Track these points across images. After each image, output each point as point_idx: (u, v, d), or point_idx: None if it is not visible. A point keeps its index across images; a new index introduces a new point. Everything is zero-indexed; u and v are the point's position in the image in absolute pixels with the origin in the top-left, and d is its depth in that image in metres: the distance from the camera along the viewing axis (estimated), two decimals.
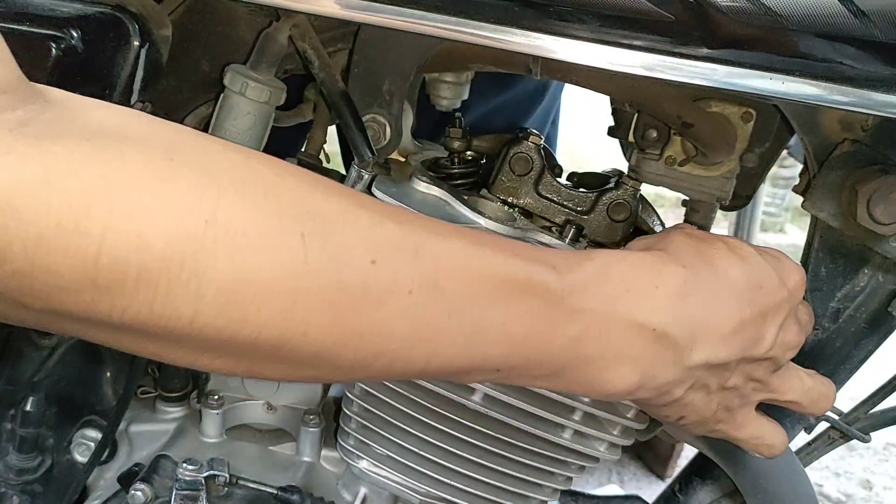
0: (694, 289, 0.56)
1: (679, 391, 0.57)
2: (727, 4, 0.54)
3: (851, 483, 2.34)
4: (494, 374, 0.51)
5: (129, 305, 0.40)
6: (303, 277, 0.43)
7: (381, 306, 0.45)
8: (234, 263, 0.41)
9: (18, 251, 0.38)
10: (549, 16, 0.57)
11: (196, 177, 0.41)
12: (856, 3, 0.52)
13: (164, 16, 0.69)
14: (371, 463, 0.80)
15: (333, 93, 0.70)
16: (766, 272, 0.59)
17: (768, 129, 0.72)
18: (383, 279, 0.45)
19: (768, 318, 0.59)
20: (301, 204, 0.44)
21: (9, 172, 0.37)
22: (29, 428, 0.81)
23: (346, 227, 0.45)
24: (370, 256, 0.45)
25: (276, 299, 0.43)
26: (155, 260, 0.40)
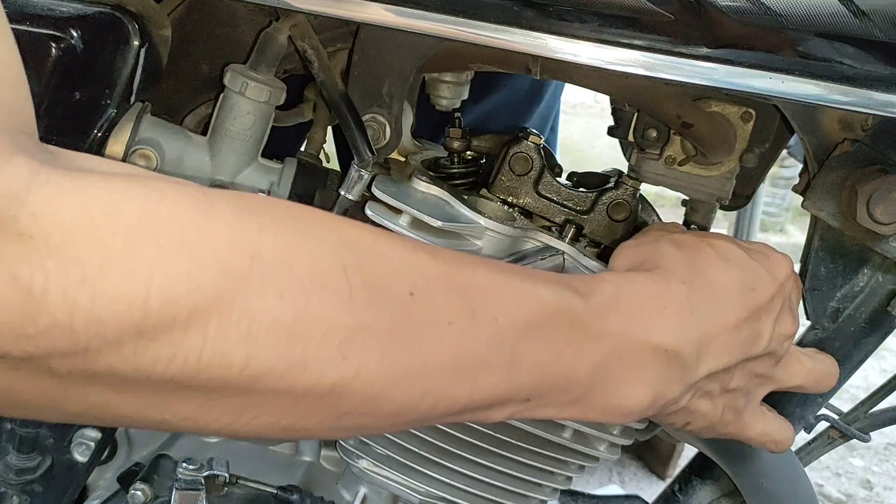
0: (696, 304, 0.56)
1: (683, 401, 0.57)
2: (727, 4, 0.54)
3: (852, 483, 2.34)
4: (524, 404, 0.50)
5: (175, 355, 0.36)
6: (350, 313, 0.40)
7: (424, 340, 0.44)
8: (284, 301, 0.38)
9: (57, 298, 0.34)
10: (549, 15, 0.57)
11: (233, 210, 0.39)
12: (856, 3, 0.52)
13: (163, 16, 0.69)
14: (371, 463, 0.80)
15: (333, 93, 0.70)
16: (756, 272, 0.60)
17: (768, 129, 0.72)
18: (424, 311, 0.44)
19: (763, 316, 0.59)
20: (337, 235, 0.42)
21: (48, 205, 0.34)
22: (29, 427, 0.81)
23: (384, 258, 0.44)
24: (409, 288, 0.43)
25: (331, 338, 0.40)
26: (206, 300, 0.36)
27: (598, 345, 0.51)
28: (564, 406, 0.52)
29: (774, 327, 0.60)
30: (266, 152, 0.73)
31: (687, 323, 0.55)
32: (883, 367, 2.75)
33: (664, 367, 0.54)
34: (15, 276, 0.33)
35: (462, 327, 0.45)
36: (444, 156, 0.80)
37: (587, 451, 0.74)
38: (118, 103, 0.64)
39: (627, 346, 0.53)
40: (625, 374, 0.53)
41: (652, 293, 0.56)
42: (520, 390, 0.49)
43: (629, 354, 0.53)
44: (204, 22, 0.73)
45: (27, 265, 0.33)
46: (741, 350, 0.58)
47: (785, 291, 0.62)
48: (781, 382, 0.65)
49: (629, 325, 0.53)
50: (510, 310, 0.48)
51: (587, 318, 0.51)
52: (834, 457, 2.37)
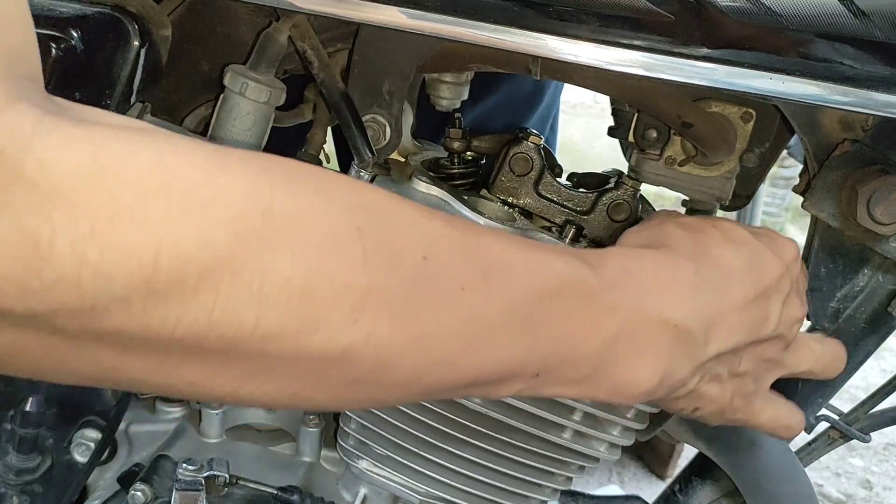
0: (704, 282, 0.56)
1: (692, 383, 0.56)
2: (727, 4, 0.54)
3: (851, 483, 2.34)
4: (533, 380, 0.49)
5: (185, 314, 0.35)
6: (364, 274, 0.39)
7: (437, 305, 0.42)
8: (297, 260, 0.37)
9: (65, 251, 0.32)
10: (549, 15, 0.57)
11: (246, 166, 0.37)
12: (856, 3, 0.52)
13: (163, 16, 0.69)
14: (371, 463, 0.80)
15: (333, 93, 0.70)
16: (762, 253, 0.59)
17: (768, 129, 0.72)
18: (437, 276, 0.42)
19: (771, 298, 0.59)
20: (351, 196, 0.41)
21: (55, 153, 0.32)
22: (29, 428, 0.81)
23: (398, 221, 0.42)
24: (422, 252, 0.42)
25: (343, 299, 0.38)
26: (218, 257, 0.35)
27: (609, 318, 0.50)
28: (573, 383, 0.51)
29: (783, 310, 0.59)
30: (266, 152, 0.73)
31: (696, 299, 0.55)
32: (883, 368, 2.75)
33: (673, 343, 0.53)
34: (21, 227, 0.31)
35: (475, 294, 0.44)
36: (444, 156, 0.80)
37: (587, 452, 0.74)
38: (118, 104, 0.64)
39: (637, 320, 0.52)
40: (634, 350, 0.52)
41: (661, 268, 0.55)
42: (530, 363, 0.48)
43: (639, 329, 0.52)
44: (204, 22, 0.73)
45: (33, 216, 0.31)
46: (749, 331, 0.57)
47: (792, 273, 0.61)
48: (791, 368, 0.64)
49: (639, 299, 0.52)
50: (523, 279, 0.47)
51: (598, 290, 0.51)
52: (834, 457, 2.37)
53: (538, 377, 0.49)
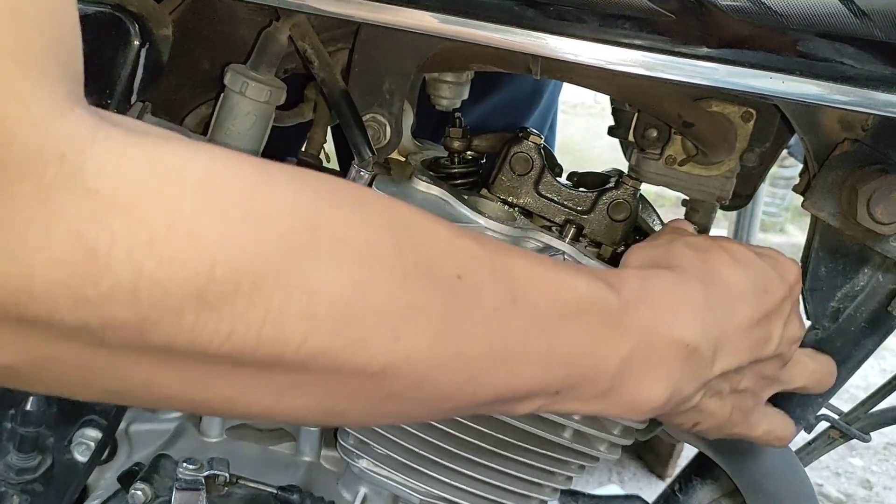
0: (712, 303, 0.57)
1: (695, 399, 0.58)
2: (727, 4, 0.54)
3: (851, 483, 2.34)
4: (553, 397, 0.50)
5: (235, 328, 0.34)
6: (405, 292, 0.39)
7: (470, 324, 0.43)
8: (342, 276, 0.37)
9: (122, 260, 0.31)
10: (550, 15, 0.57)
11: (292, 181, 0.37)
12: (856, 3, 0.52)
13: (164, 15, 0.69)
14: (371, 463, 0.80)
15: (333, 92, 0.70)
16: (767, 275, 0.61)
17: (768, 129, 0.72)
18: (470, 295, 0.43)
19: (773, 319, 0.60)
20: (389, 212, 0.41)
21: (114, 161, 0.32)
22: (29, 427, 0.81)
23: (433, 240, 0.43)
24: (456, 271, 0.43)
25: (386, 317, 0.38)
26: (271, 271, 0.34)
27: (627, 338, 0.51)
28: (589, 400, 0.52)
29: (784, 330, 0.61)
30: (266, 152, 0.73)
31: (706, 320, 0.56)
32: (883, 367, 2.75)
33: (684, 362, 0.54)
34: (79, 234, 0.31)
35: (504, 314, 0.45)
36: (445, 156, 0.80)
37: (587, 451, 0.74)
38: (118, 103, 0.64)
39: (653, 340, 0.53)
40: (648, 369, 0.53)
41: (673, 289, 0.56)
42: (553, 382, 0.49)
43: (653, 349, 0.53)
44: (204, 21, 0.73)
45: (92, 223, 0.31)
46: (752, 351, 0.59)
47: (794, 295, 0.62)
48: (786, 384, 0.66)
49: (655, 320, 0.53)
50: (548, 298, 0.48)
51: (618, 310, 0.52)
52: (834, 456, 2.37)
53: (558, 394, 0.50)
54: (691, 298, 0.56)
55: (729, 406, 0.61)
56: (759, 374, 0.62)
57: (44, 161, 0.30)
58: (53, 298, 0.31)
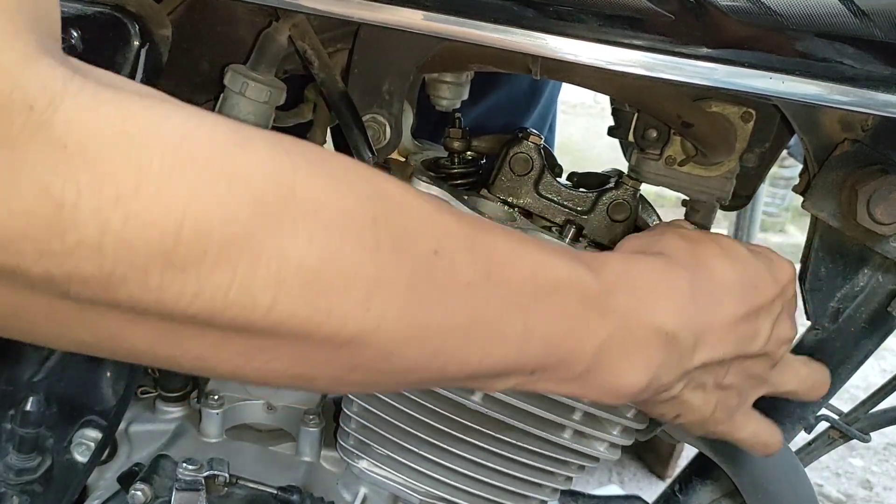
0: (697, 293, 0.56)
1: (676, 389, 0.57)
2: (727, 4, 0.54)
3: (851, 483, 2.34)
4: (528, 377, 0.50)
5: (201, 290, 0.34)
6: (375, 264, 0.39)
7: (442, 298, 0.43)
8: (314, 245, 0.37)
9: (88, 216, 0.31)
10: (549, 15, 0.57)
11: (269, 146, 0.37)
12: (856, 3, 0.52)
13: (163, 16, 0.69)
14: (371, 463, 0.80)
15: (333, 93, 0.70)
16: (758, 271, 0.60)
17: (768, 129, 0.72)
18: (445, 270, 0.43)
19: (762, 315, 0.60)
20: (368, 185, 0.41)
21: (84, 114, 0.32)
22: (29, 428, 0.81)
23: (411, 214, 0.43)
24: (433, 246, 0.43)
25: (356, 287, 0.39)
26: (240, 235, 0.34)
27: (605, 321, 0.51)
28: (566, 381, 0.52)
29: (773, 329, 0.60)
30: None
31: (688, 309, 0.55)
32: (883, 367, 2.75)
33: (662, 350, 0.54)
34: (46, 187, 0.31)
35: (479, 290, 0.45)
36: (444, 156, 0.80)
37: (587, 452, 0.74)
38: None
39: (631, 324, 0.53)
40: (626, 354, 0.52)
41: (657, 275, 0.56)
42: (528, 360, 0.49)
43: (632, 334, 0.53)
44: (204, 22, 0.73)
45: (59, 176, 0.31)
46: (737, 345, 0.58)
47: (786, 296, 0.62)
48: (775, 386, 0.65)
49: (635, 304, 0.53)
50: (526, 277, 0.48)
51: (597, 293, 0.51)
52: (834, 457, 2.37)
53: (534, 374, 0.50)
54: (675, 285, 0.56)
55: (713, 401, 0.60)
56: (745, 372, 0.61)
57: (11, 111, 0.30)
58: (19, 249, 0.31)
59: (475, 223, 0.47)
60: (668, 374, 0.55)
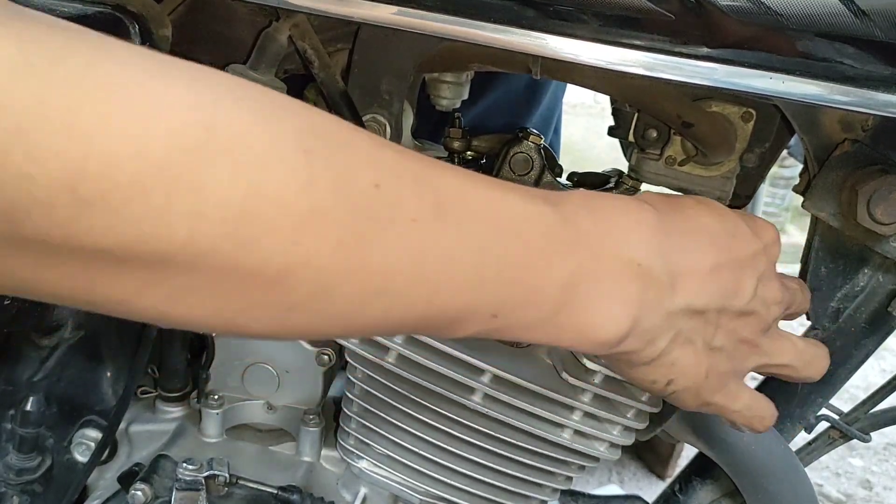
0: (670, 229, 0.54)
1: (663, 341, 0.54)
2: (727, 4, 0.54)
3: (851, 483, 2.34)
4: (491, 321, 0.48)
5: (113, 223, 0.34)
6: (308, 198, 0.38)
7: (385, 234, 0.41)
8: (237, 178, 0.36)
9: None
10: (549, 15, 0.57)
11: (190, 78, 0.36)
12: (856, 3, 0.52)
13: (164, 16, 0.69)
14: (371, 463, 0.80)
15: (333, 93, 0.70)
16: (738, 223, 0.58)
17: (768, 129, 0.72)
18: (388, 205, 0.42)
19: (745, 269, 0.57)
20: (300, 120, 0.40)
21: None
22: (29, 428, 0.81)
23: (349, 149, 0.41)
24: (374, 180, 0.41)
25: (284, 221, 0.38)
26: (152, 168, 0.33)
27: (569, 255, 0.49)
28: (535, 326, 0.49)
29: (758, 286, 0.58)
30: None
31: (660, 244, 0.53)
32: (883, 367, 2.75)
33: (637, 283, 0.51)
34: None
35: (426, 226, 0.43)
36: (445, 156, 0.80)
37: (587, 451, 0.74)
38: None
39: (600, 257, 0.50)
40: (599, 291, 0.50)
41: (625, 210, 0.53)
42: (486, 302, 0.46)
43: (602, 267, 0.50)
44: (204, 22, 0.73)
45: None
46: (720, 295, 0.56)
47: (771, 255, 0.59)
48: (769, 356, 0.62)
49: (601, 236, 0.50)
50: (478, 214, 0.46)
51: (558, 226, 0.49)
52: (834, 457, 2.37)
53: (496, 318, 0.48)
54: (644, 219, 0.53)
55: (704, 364, 0.57)
56: (734, 334, 0.58)
57: None
58: None
59: (422, 160, 0.46)
60: (652, 316, 0.53)
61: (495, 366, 0.69)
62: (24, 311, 0.76)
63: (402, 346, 0.70)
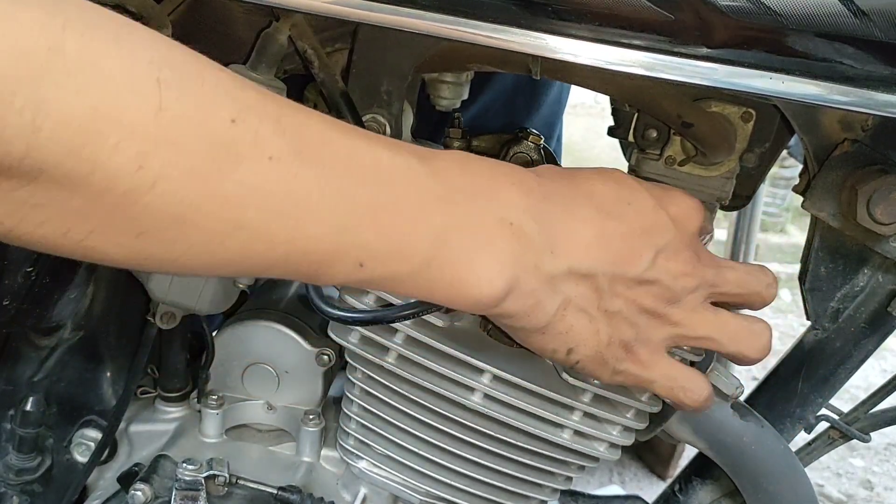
0: (550, 193, 0.54)
1: (550, 306, 0.54)
2: (727, 4, 0.54)
3: (852, 483, 2.34)
4: (358, 270, 0.48)
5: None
6: (156, 124, 0.39)
7: (239, 168, 0.42)
8: (81, 97, 0.37)
9: None
10: (549, 15, 0.57)
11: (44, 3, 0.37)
12: (856, 3, 0.52)
13: (163, 16, 0.69)
14: (371, 463, 0.80)
15: (333, 93, 0.70)
16: (638, 194, 0.57)
17: (768, 129, 0.72)
18: (244, 140, 0.42)
19: (643, 238, 0.56)
20: (157, 52, 0.41)
21: None
22: (29, 428, 0.81)
23: (206, 84, 0.42)
24: (230, 115, 0.42)
25: (129, 144, 0.38)
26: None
27: (438, 209, 0.49)
28: (405, 280, 0.49)
29: (657, 257, 0.56)
30: None
31: (537, 205, 0.52)
32: (883, 368, 2.75)
33: (512, 244, 0.51)
34: None
35: (284, 165, 0.44)
36: None
37: (587, 452, 0.74)
38: None
39: (471, 214, 0.50)
40: (470, 247, 0.50)
41: (500, 172, 0.53)
42: (351, 249, 0.47)
43: (473, 224, 0.50)
44: (204, 22, 0.73)
45: None
46: (609, 262, 0.55)
47: (682, 229, 0.58)
48: (683, 328, 0.59)
49: (473, 194, 0.50)
50: (342, 159, 0.46)
51: (426, 179, 0.49)
52: (834, 457, 2.37)
53: (363, 268, 0.48)
54: (518, 182, 0.53)
55: (603, 331, 0.56)
56: (633, 303, 0.57)
57: None
58: None
59: (288, 104, 0.46)
60: (529, 278, 0.52)
61: (495, 366, 0.69)
62: (24, 311, 0.76)
63: (402, 346, 0.70)
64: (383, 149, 0.49)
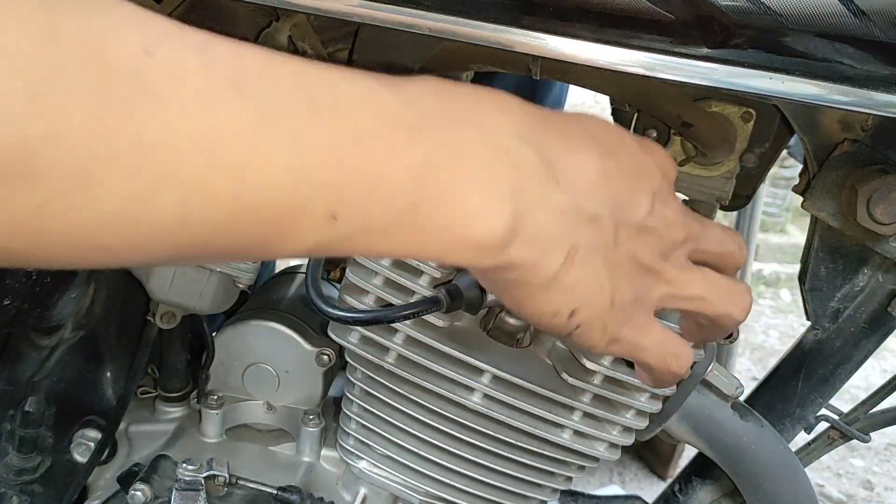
0: (546, 121, 0.47)
1: (559, 252, 0.46)
2: (727, 4, 0.54)
3: (852, 483, 2.34)
4: (331, 224, 0.39)
5: None
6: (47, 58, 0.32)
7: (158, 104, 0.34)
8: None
9: None
10: (549, 15, 0.57)
11: None
12: (856, 3, 0.52)
13: None
14: (371, 463, 0.80)
15: None
16: (625, 135, 0.51)
17: (768, 129, 0.72)
18: (161, 75, 0.34)
19: (639, 181, 0.50)
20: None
21: None
22: (29, 428, 0.81)
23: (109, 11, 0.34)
24: (142, 46, 0.34)
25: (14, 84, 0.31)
26: None
27: (416, 140, 0.41)
28: (392, 231, 0.41)
29: (654, 201, 0.50)
30: None
31: (533, 131, 0.45)
32: (883, 368, 2.75)
33: (511, 173, 0.43)
34: None
35: (216, 102, 0.36)
36: None
37: (587, 452, 0.74)
38: None
39: (456, 141, 0.42)
40: (463, 180, 0.41)
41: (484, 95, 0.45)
42: (317, 198, 0.38)
43: (462, 153, 0.42)
44: (204, 22, 0.73)
45: None
46: (613, 202, 0.48)
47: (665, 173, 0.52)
48: (675, 286, 0.53)
49: (456, 121, 0.43)
50: (290, 91, 0.38)
51: (396, 106, 0.41)
52: (834, 457, 2.37)
53: (337, 221, 0.39)
54: (507, 106, 0.45)
55: (607, 289, 0.49)
56: (633, 254, 0.50)
57: None
58: None
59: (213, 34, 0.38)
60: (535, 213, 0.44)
61: (495, 366, 0.69)
62: (24, 311, 0.77)
63: (402, 346, 0.70)
64: (339, 76, 0.40)
